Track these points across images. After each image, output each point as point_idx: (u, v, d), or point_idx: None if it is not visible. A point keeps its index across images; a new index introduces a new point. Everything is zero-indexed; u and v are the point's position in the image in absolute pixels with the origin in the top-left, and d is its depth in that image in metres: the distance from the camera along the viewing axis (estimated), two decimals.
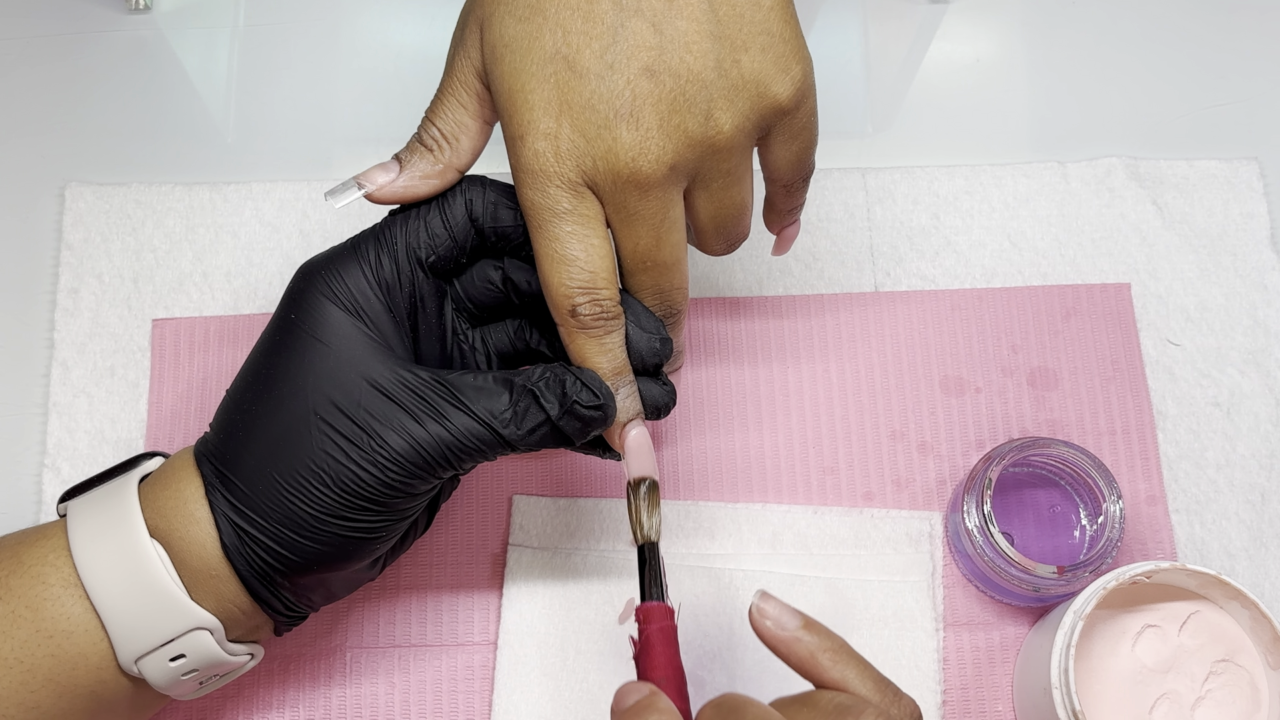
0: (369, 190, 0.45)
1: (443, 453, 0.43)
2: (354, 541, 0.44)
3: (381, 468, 0.43)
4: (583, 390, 0.43)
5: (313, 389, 0.43)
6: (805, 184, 0.49)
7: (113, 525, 0.44)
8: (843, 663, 0.41)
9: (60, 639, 0.44)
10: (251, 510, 0.43)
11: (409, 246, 0.45)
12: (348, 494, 0.43)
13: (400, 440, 0.43)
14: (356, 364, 0.44)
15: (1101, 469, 0.55)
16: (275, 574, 0.44)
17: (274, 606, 0.45)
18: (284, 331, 0.45)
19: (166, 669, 0.44)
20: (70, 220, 0.62)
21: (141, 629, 0.43)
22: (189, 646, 0.44)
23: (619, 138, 0.42)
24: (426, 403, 0.43)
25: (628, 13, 0.41)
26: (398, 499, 0.44)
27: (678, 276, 0.45)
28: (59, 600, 0.44)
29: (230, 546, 0.44)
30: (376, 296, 0.45)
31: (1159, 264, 0.63)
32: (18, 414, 0.59)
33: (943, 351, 0.61)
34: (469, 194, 0.46)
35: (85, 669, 0.44)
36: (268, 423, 0.44)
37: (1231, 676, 0.52)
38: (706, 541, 0.57)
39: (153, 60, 0.66)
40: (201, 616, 0.44)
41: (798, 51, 0.43)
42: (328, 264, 0.45)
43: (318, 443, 0.43)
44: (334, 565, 0.44)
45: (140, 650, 0.44)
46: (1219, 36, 0.68)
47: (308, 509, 0.43)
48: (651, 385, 0.46)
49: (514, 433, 0.43)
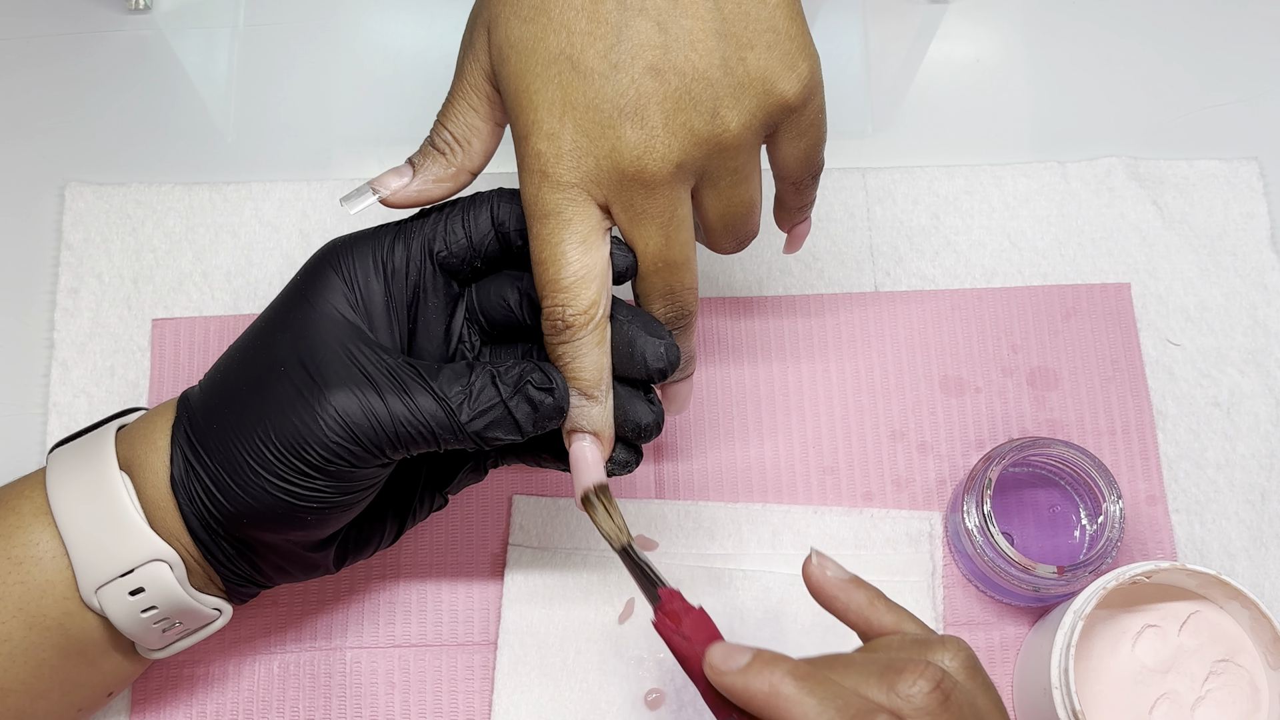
0: (383, 195, 0.46)
1: (392, 423, 0.43)
2: (284, 505, 0.44)
3: (324, 425, 0.43)
4: (535, 373, 0.43)
5: (287, 343, 0.44)
6: (815, 181, 0.49)
7: (86, 458, 0.46)
8: (895, 610, 0.43)
9: (29, 565, 0.45)
10: (201, 448, 0.44)
11: (425, 238, 0.46)
12: (286, 448, 0.43)
13: (349, 400, 0.43)
14: (335, 330, 0.44)
15: (1101, 469, 0.55)
16: (212, 520, 0.44)
17: (216, 557, 0.46)
18: (287, 293, 0.46)
19: (126, 604, 0.45)
20: (70, 220, 0.62)
21: (101, 555, 0.44)
22: (147, 579, 0.45)
23: (623, 137, 0.42)
24: (388, 376, 0.43)
25: (632, 12, 0.41)
26: (336, 466, 0.43)
27: (688, 276, 0.45)
28: (28, 528, 0.45)
29: (177, 480, 0.44)
30: (377, 279, 0.45)
31: (1159, 264, 0.63)
32: (18, 414, 0.59)
33: (943, 351, 0.61)
34: (497, 201, 0.46)
35: (52, 598, 0.45)
36: (239, 369, 0.45)
37: (1231, 676, 0.52)
38: (706, 541, 0.57)
39: (153, 60, 0.66)
40: (158, 546, 0.44)
41: (804, 48, 0.43)
42: (348, 241, 0.46)
43: (273, 393, 0.43)
44: (265, 525, 0.44)
45: (101, 578, 0.44)
46: (1219, 36, 0.68)
47: (247, 456, 0.43)
48: (638, 402, 0.46)
49: (467, 412, 0.43)
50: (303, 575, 0.49)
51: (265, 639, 0.55)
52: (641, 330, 0.45)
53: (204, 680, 0.55)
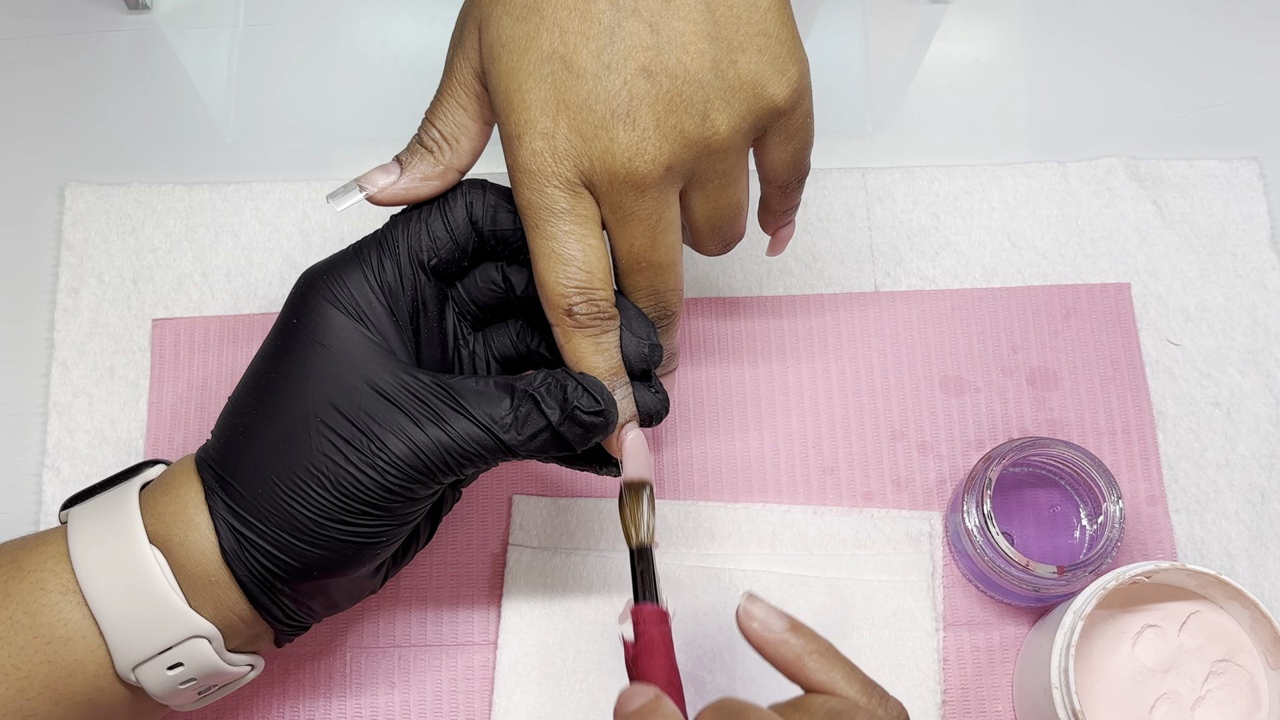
0: (370, 192, 0.45)
1: (442, 457, 0.43)
2: (353, 546, 0.43)
3: (380, 471, 0.42)
4: (584, 396, 0.43)
5: (313, 392, 0.43)
6: (800, 185, 0.49)
7: (113, 532, 0.44)
8: (829, 665, 0.41)
9: (57, 645, 0.43)
10: (250, 514, 0.43)
11: (411, 250, 0.45)
12: (346, 497, 0.42)
13: (400, 444, 0.42)
14: (357, 367, 0.43)
15: (1101, 469, 0.55)
16: (275, 580, 0.44)
17: (274, 614, 0.45)
18: (286, 336, 0.45)
19: (164, 677, 0.44)
20: (70, 220, 0.62)
21: (139, 636, 0.43)
22: (187, 655, 0.44)
23: (615, 138, 0.42)
24: (427, 406, 0.43)
25: (625, 13, 0.42)
26: (397, 503, 0.43)
27: (673, 278, 0.45)
28: (57, 606, 0.43)
29: (229, 552, 0.43)
30: (379, 300, 0.45)
31: (1159, 264, 0.63)
32: (18, 414, 0.59)
33: (943, 351, 0.61)
34: (469, 196, 0.46)
35: (82, 676, 0.44)
36: (267, 426, 0.44)
37: (1231, 676, 0.52)
38: (706, 541, 0.57)
39: (153, 60, 0.66)
40: (199, 624, 0.43)
41: (794, 53, 0.43)
42: (330, 269, 0.45)
43: (317, 445, 0.43)
44: (334, 571, 0.44)
45: (137, 658, 0.43)
46: (1219, 36, 0.68)
47: (306, 512, 0.43)
48: (644, 392, 0.46)
49: (515, 438, 0.43)
50: (350, 604, 0.48)
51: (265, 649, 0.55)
52: (625, 328, 0.45)
53: None
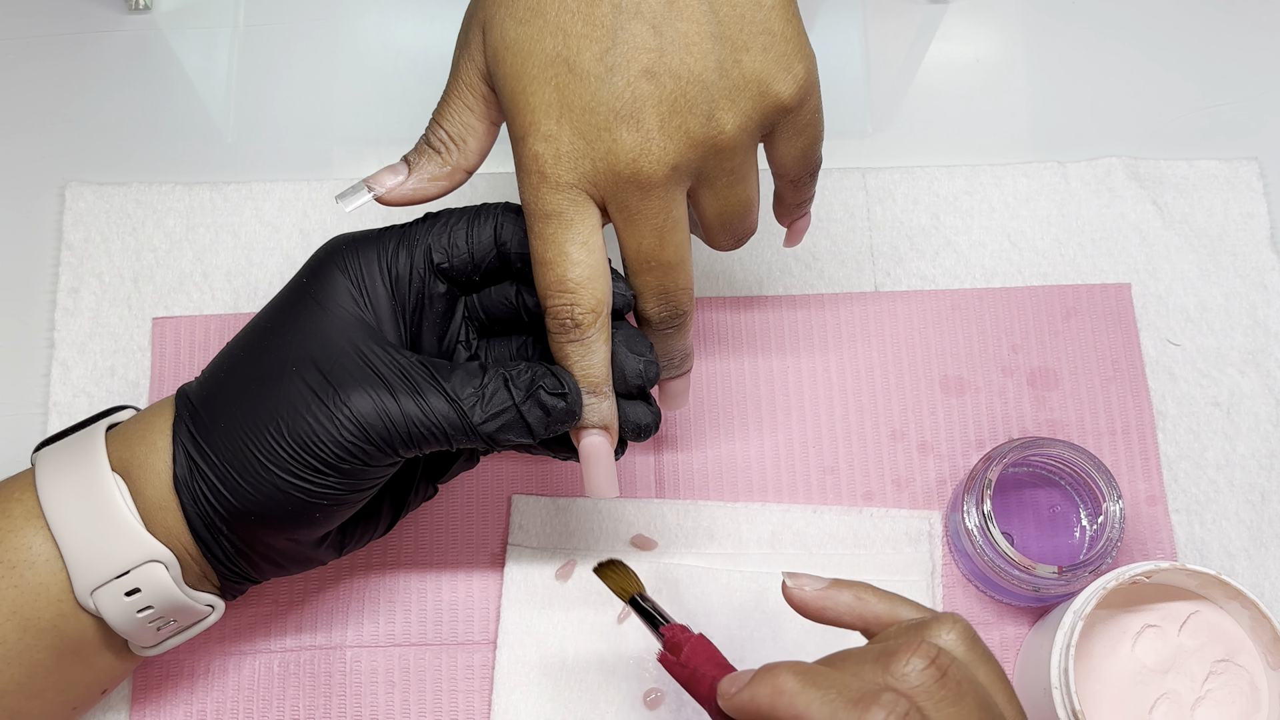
0: (379, 193, 0.46)
1: (405, 424, 0.43)
2: (294, 501, 0.44)
3: (338, 424, 0.43)
4: (548, 377, 0.44)
5: (298, 343, 0.44)
6: (813, 178, 0.49)
7: (77, 462, 0.46)
8: (888, 597, 0.42)
9: (23, 569, 0.45)
10: (208, 446, 0.44)
11: (427, 249, 0.46)
12: (299, 446, 0.43)
13: (364, 401, 0.43)
14: (346, 330, 0.45)
15: (1101, 469, 0.55)
16: (216, 517, 0.45)
17: (215, 554, 0.46)
18: (291, 291, 0.46)
19: (122, 604, 0.45)
20: (70, 220, 0.62)
21: (97, 557, 0.44)
22: (143, 580, 0.45)
23: (619, 139, 0.42)
24: (401, 377, 0.44)
25: (627, 15, 0.42)
26: (346, 464, 0.44)
27: (682, 277, 0.45)
28: (20, 531, 0.45)
29: (180, 479, 0.45)
30: (383, 283, 0.46)
31: (1159, 264, 0.63)
32: (18, 414, 0.59)
33: (943, 351, 0.61)
34: (501, 219, 0.46)
35: (46, 600, 0.45)
36: (246, 368, 0.45)
37: (1231, 676, 0.52)
38: (706, 541, 0.57)
39: (153, 60, 0.66)
40: (155, 548, 0.45)
41: (800, 50, 0.43)
42: (352, 242, 0.46)
43: (285, 392, 0.44)
44: (270, 522, 0.45)
45: (96, 581, 0.45)
46: (1219, 36, 0.68)
47: (257, 453, 0.43)
48: (638, 405, 0.47)
49: (479, 415, 0.44)
50: (297, 569, 0.49)
51: (265, 637, 0.55)
52: (623, 345, 0.45)
53: (203, 678, 0.55)
